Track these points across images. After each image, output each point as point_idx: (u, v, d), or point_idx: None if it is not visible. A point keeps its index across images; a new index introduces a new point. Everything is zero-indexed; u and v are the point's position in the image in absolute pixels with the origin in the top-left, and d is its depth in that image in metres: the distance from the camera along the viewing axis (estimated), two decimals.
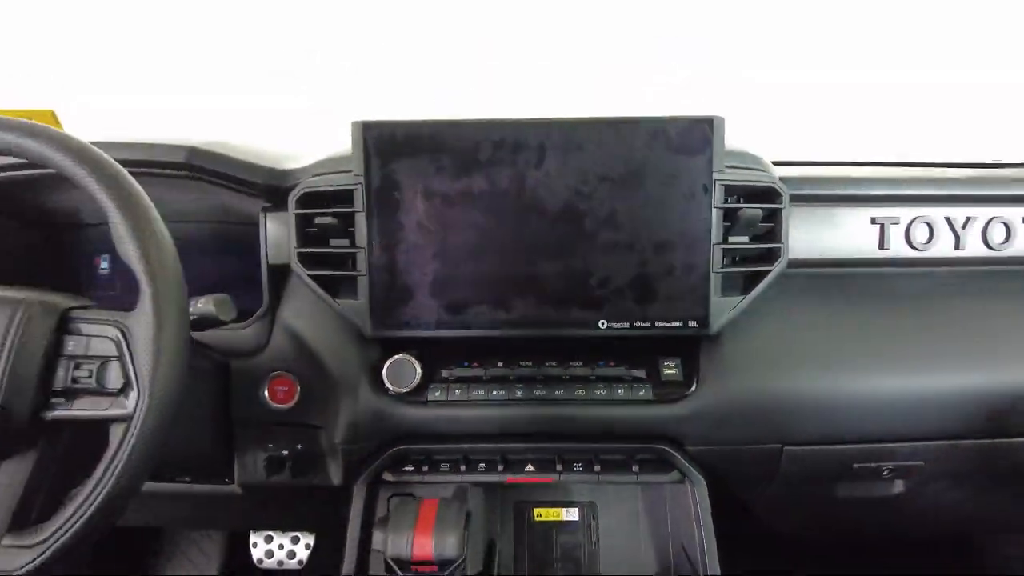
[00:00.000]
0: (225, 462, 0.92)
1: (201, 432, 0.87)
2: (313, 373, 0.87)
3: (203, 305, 0.71)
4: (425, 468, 0.86)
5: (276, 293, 0.91)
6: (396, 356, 0.83)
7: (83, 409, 0.62)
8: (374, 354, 0.87)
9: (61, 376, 0.63)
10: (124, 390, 0.62)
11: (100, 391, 0.62)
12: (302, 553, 1.43)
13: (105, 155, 0.66)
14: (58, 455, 0.66)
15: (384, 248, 0.82)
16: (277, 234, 0.89)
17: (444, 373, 0.86)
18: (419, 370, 0.83)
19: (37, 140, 0.64)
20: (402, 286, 0.82)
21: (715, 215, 0.80)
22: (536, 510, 0.93)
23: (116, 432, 0.61)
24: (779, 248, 0.84)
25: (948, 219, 0.92)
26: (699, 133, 0.80)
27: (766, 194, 0.84)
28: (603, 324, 0.82)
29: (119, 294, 1.06)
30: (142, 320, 0.62)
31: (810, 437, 0.87)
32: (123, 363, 0.62)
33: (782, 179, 0.86)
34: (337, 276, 0.85)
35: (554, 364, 0.86)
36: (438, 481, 0.86)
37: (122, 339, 0.62)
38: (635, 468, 0.85)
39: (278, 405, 0.88)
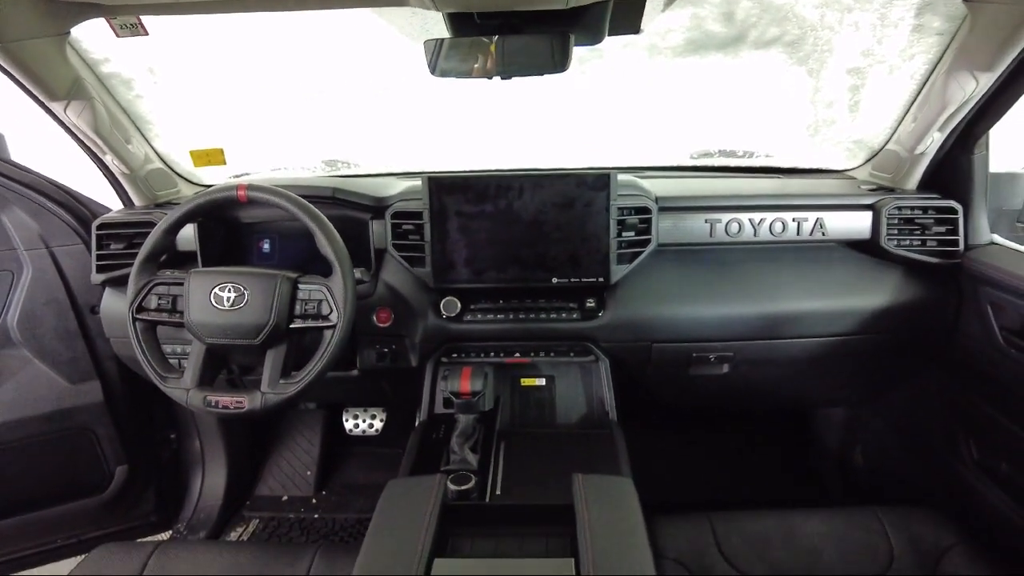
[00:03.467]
0: (350, 360, 1.70)
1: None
2: (400, 306, 1.63)
3: (359, 273, 1.46)
4: (462, 355, 1.64)
5: (378, 264, 1.66)
6: (447, 297, 1.59)
7: (312, 323, 1.37)
8: (433, 297, 1.62)
9: (298, 309, 1.37)
10: (330, 315, 1.36)
11: (318, 315, 1.37)
12: (378, 425, 2.23)
13: (309, 204, 1.39)
14: (294, 345, 1.41)
15: (439, 241, 1.56)
16: (378, 232, 1.63)
17: (472, 306, 1.62)
18: (459, 305, 1.59)
19: (285, 200, 1.37)
20: (449, 261, 1.57)
21: (613, 223, 1.54)
22: (522, 379, 1.69)
23: (327, 334, 1.36)
24: (650, 239, 1.58)
25: (750, 220, 1.65)
26: (603, 179, 1.52)
27: (643, 209, 1.58)
28: (554, 280, 1.57)
29: (276, 263, 1.79)
30: (336, 282, 1.36)
31: (666, 338, 1.62)
32: (329, 302, 1.36)
33: (656, 198, 1.60)
34: (414, 256, 1.60)
35: (529, 301, 1.62)
36: (469, 362, 1.63)
37: (327, 291, 1.37)
38: (572, 354, 1.63)
39: (381, 324, 1.64)
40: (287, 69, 1.76)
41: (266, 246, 1.77)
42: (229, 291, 1.35)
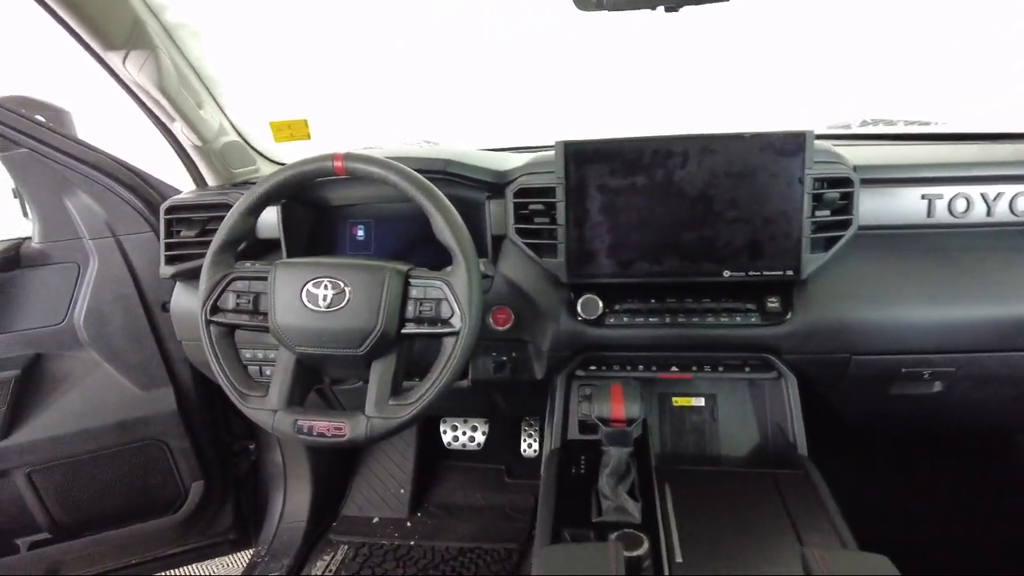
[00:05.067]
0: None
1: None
2: (524, 305, 1.31)
3: (483, 266, 1.15)
4: (603, 368, 1.30)
5: (495, 254, 1.34)
6: (586, 295, 1.26)
7: (428, 329, 1.08)
8: (565, 294, 1.30)
9: (410, 310, 1.08)
10: (451, 318, 1.06)
11: (436, 318, 1.07)
12: (480, 438, 1.93)
13: (423, 178, 1.08)
14: (403, 355, 1.12)
15: (576, 225, 1.23)
16: (496, 215, 1.32)
17: (616, 307, 1.28)
18: (601, 305, 1.26)
19: (392, 172, 1.07)
20: (588, 250, 1.24)
21: (806, 199, 1.17)
22: (674, 398, 1.36)
23: (448, 343, 1.06)
24: (851, 219, 1.21)
25: (983, 194, 1.25)
26: (796, 142, 1.16)
27: (843, 181, 1.20)
28: (726, 273, 1.22)
29: (372, 253, 1.51)
30: (459, 276, 1.06)
31: (869, 349, 1.25)
32: (450, 302, 1.06)
33: (856, 168, 1.22)
34: (542, 243, 1.27)
35: (690, 300, 1.27)
36: (611, 376, 1.30)
37: (447, 288, 1.06)
38: (747, 369, 1.27)
39: (499, 327, 1.33)
40: (384, 25, 1.46)
41: (360, 233, 1.49)
42: (326, 287, 1.06)
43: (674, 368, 1.29)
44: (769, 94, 1.54)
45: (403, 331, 1.07)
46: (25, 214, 1.63)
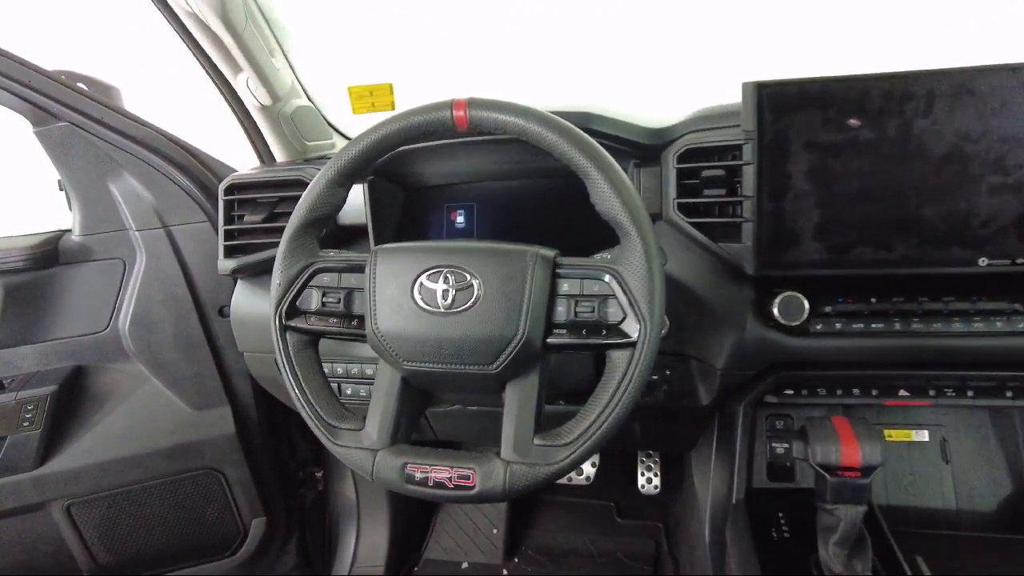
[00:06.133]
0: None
1: (584, 360, 1.02)
2: (686, 308, 0.99)
3: None
4: (802, 392, 0.97)
5: None
6: (786, 292, 0.93)
7: (586, 337, 0.77)
8: (748, 291, 0.97)
9: (562, 312, 0.77)
10: (622, 322, 0.75)
11: (600, 323, 0.76)
12: (588, 470, 1.61)
13: (581, 132, 0.78)
14: (546, 374, 0.82)
15: (771, 196, 0.91)
16: (648, 187, 1.00)
17: (827, 308, 0.95)
18: (807, 305, 0.92)
19: (542, 125, 0.77)
20: (788, 230, 0.91)
21: None
22: (887, 431, 1.02)
23: (619, 358, 0.75)
24: None
25: None
26: None
27: None
28: (983, 262, 0.88)
29: None
30: (633, 263, 0.74)
31: None
32: (619, 300, 0.75)
33: None
34: (716, 222, 0.95)
35: (927, 299, 0.93)
36: (815, 403, 0.97)
37: (617, 280, 0.75)
38: (1009, 394, 0.92)
39: None
40: None
41: (460, 219, 1.20)
42: (446, 280, 0.76)
43: (903, 393, 0.95)
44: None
45: (549, 340, 0.77)
46: (70, 206, 1.39)
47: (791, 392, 0.98)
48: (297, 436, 1.65)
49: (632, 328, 0.74)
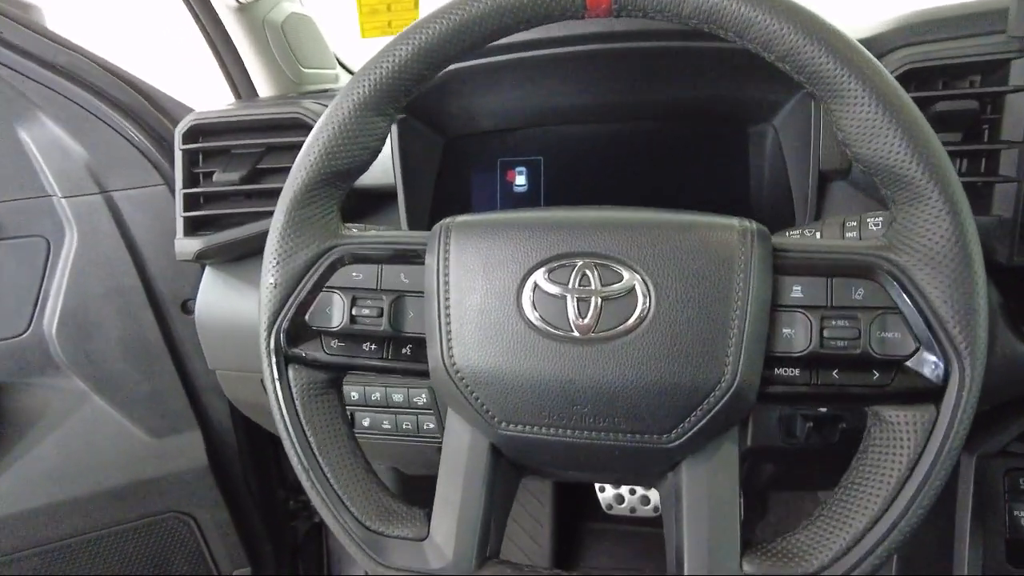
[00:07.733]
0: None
1: None
2: None
3: None
4: None
5: (819, 207, 0.69)
6: None
7: (839, 385, 0.43)
8: (994, 289, 0.64)
9: (793, 336, 0.43)
10: (915, 355, 0.41)
11: (871, 357, 0.42)
12: (656, 499, 1.29)
13: (831, 23, 0.43)
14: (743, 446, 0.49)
15: None
16: (830, 131, 0.66)
17: None
18: None
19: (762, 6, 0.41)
20: None
21: None
22: None
23: (908, 420, 0.42)
24: None
25: None
26: None
27: None
28: None
29: None
30: (935, 250, 0.41)
31: None
32: (908, 316, 0.41)
33: None
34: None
35: None
36: None
37: (898, 281, 0.42)
38: None
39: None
40: None
41: (520, 178, 0.86)
42: (585, 280, 0.42)
43: None
44: None
45: (771, 390, 0.43)
46: None
47: None
48: (282, 452, 1.32)
49: (933, 368, 0.40)
